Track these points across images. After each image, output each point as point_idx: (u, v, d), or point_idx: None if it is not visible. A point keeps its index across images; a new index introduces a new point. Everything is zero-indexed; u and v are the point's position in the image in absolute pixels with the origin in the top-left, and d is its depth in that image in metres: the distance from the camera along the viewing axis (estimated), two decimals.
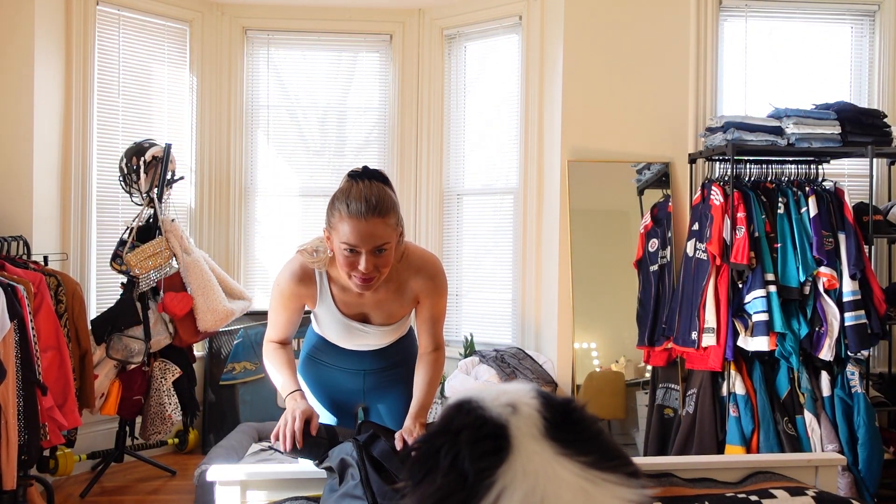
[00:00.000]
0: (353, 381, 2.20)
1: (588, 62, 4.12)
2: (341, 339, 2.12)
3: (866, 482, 3.37)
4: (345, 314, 2.05)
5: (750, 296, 3.46)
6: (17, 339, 2.97)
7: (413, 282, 2.03)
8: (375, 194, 1.82)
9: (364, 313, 2.07)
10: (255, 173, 4.83)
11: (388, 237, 1.83)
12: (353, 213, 1.79)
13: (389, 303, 2.05)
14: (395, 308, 2.07)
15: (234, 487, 1.94)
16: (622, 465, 0.97)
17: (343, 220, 1.81)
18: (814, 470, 2.13)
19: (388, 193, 1.86)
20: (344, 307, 2.04)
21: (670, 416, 3.81)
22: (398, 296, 2.04)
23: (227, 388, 4.49)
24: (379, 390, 2.22)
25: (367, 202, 1.79)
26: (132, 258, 3.76)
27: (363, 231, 1.79)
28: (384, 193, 1.84)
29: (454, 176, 4.76)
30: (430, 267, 2.05)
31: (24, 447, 2.97)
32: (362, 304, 2.04)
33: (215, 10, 4.69)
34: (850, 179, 4.20)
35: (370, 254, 1.82)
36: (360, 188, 1.82)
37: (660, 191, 4.09)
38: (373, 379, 2.21)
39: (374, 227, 1.80)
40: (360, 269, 1.82)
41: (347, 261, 1.83)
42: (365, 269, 1.82)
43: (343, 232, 1.81)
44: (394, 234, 1.86)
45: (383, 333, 2.11)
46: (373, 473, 1.69)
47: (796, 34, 4.34)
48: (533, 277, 4.39)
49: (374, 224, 1.80)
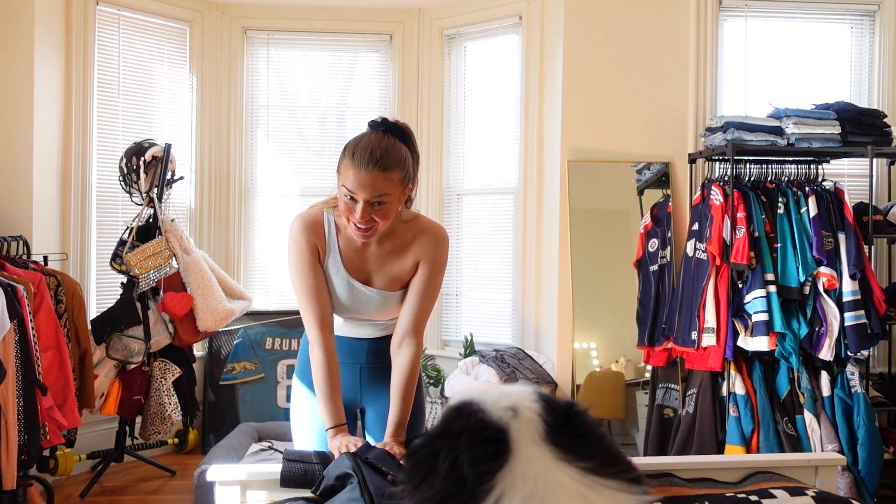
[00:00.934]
0: (350, 374, 2.19)
1: (588, 62, 4.12)
2: (342, 310, 2.11)
3: (866, 482, 3.37)
4: (349, 271, 2.06)
5: (750, 296, 3.46)
6: (17, 338, 2.97)
7: (416, 243, 2.05)
8: (383, 147, 1.86)
9: (367, 272, 2.07)
10: (254, 173, 4.83)
11: (386, 190, 1.87)
12: (357, 161, 1.85)
13: (391, 261, 2.06)
14: (395, 269, 2.07)
15: (234, 487, 1.94)
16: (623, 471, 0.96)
17: (347, 167, 1.88)
18: (814, 470, 2.13)
19: (399, 148, 1.90)
20: (348, 262, 2.05)
21: (670, 416, 3.81)
22: (400, 256, 2.06)
23: (226, 387, 4.49)
24: (374, 390, 2.20)
25: (371, 154, 1.85)
26: (132, 258, 3.77)
27: (362, 180, 1.85)
28: (393, 148, 1.88)
29: (454, 176, 4.76)
30: (436, 231, 2.09)
31: (23, 447, 2.97)
32: (365, 260, 2.06)
33: (215, 9, 4.69)
34: (850, 179, 4.20)
35: (367, 204, 1.87)
36: (371, 139, 1.88)
37: (660, 191, 4.09)
38: (368, 373, 2.19)
39: (374, 178, 1.85)
40: (356, 216, 1.88)
41: (346, 206, 1.90)
42: (360, 218, 1.88)
43: (346, 177, 1.88)
44: (395, 189, 1.90)
45: (383, 300, 2.09)
46: (369, 475, 1.69)
47: (796, 34, 4.34)
48: (533, 277, 4.39)
49: (374, 176, 1.85)
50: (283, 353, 4.55)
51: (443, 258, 2.09)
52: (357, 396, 2.21)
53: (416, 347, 2.05)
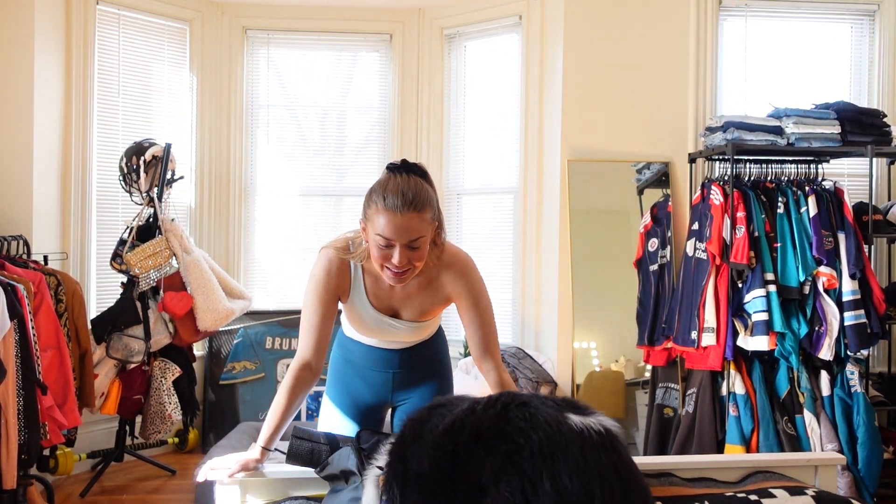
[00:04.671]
0: (383, 381, 2.20)
1: (588, 62, 4.12)
2: (371, 333, 2.12)
3: (866, 482, 3.37)
4: (376, 308, 2.05)
5: (749, 295, 3.46)
6: (17, 338, 2.97)
7: (443, 279, 2.02)
8: (413, 188, 1.83)
9: (394, 308, 2.07)
10: (254, 173, 4.84)
11: (422, 231, 1.85)
12: (390, 206, 1.81)
13: (419, 298, 2.05)
14: (425, 304, 2.06)
15: (233, 487, 1.94)
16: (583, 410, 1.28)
17: (379, 213, 1.82)
18: (813, 469, 2.13)
19: (426, 188, 1.87)
20: (375, 300, 2.04)
21: (670, 416, 3.81)
22: (428, 291, 2.04)
23: (226, 387, 4.49)
24: (405, 389, 2.23)
25: (403, 196, 1.81)
26: (132, 258, 3.77)
27: (399, 225, 1.81)
28: (421, 188, 1.85)
29: (454, 175, 4.76)
30: (459, 264, 2.04)
31: (24, 446, 2.97)
32: (393, 298, 2.05)
33: (215, 9, 4.69)
34: (850, 179, 4.20)
35: (404, 248, 1.83)
36: (398, 182, 1.84)
37: (659, 190, 4.10)
38: (400, 377, 2.21)
39: (410, 221, 1.81)
40: (394, 262, 1.84)
41: (382, 253, 1.85)
42: (398, 263, 1.84)
43: (379, 224, 1.83)
44: (429, 229, 1.87)
45: (413, 330, 2.10)
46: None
47: (796, 34, 4.34)
48: (533, 277, 4.40)
49: (410, 218, 1.81)
50: (284, 353, 4.55)
51: (477, 283, 2.06)
52: (388, 398, 2.24)
53: (497, 368, 2.06)
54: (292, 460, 1.91)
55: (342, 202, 4.93)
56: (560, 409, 1.22)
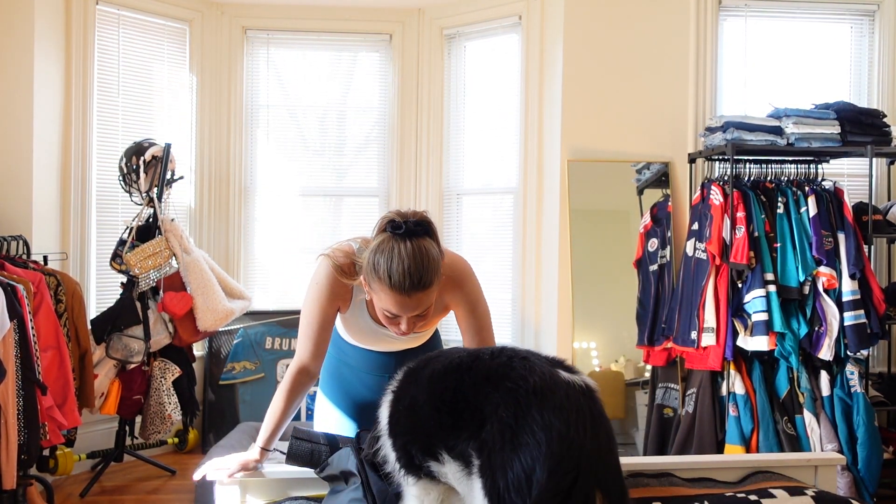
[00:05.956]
0: (379, 382, 2.19)
1: (588, 62, 4.12)
2: (368, 342, 2.11)
3: (865, 482, 3.37)
4: (375, 320, 2.02)
5: (749, 295, 3.46)
6: (17, 338, 2.97)
7: (442, 289, 1.96)
8: (419, 264, 1.71)
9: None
10: (254, 173, 4.84)
11: (430, 302, 1.79)
12: (396, 287, 1.71)
13: None
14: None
15: (233, 487, 1.94)
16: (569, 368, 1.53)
17: (384, 290, 1.73)
18: (813, 469, 2.13)
19: (431, 255, 1.74)
20: (374, 314, 2.01)
21: (670, 416, 3.81)
22: None
23: (226, 387, 4.49)
24: None
25: (410, 278, 1.69)
26: (132, 258, 3.77)
27: (405, 304, 1.74)
28: (428, 260, 1.73)
29: (454, 175, 4.77)
30: (456, 274, 1.97)
31: (23, 447, 2.97)
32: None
33: (215, 9, 4.69)
34: (850, 179, 4.20)
35: (412, 318, 1.80)
36: (404, 256, 1.70)
37: (659, 190, 4.10)
38: None
39: (418, 300, 1.74)
40: (402, 329, 1.81)
41: (387, 320, 1.82)
42: (405, 330, 1.82)
43: (384, 299, 1.76)
44: (435, 293, 1.81)
45: (411, 338, 2.09)
46: (373, 476, 1.70)
47: (796, 34, 4.34)
48: (533, 277, 4.40)
49: (418, 298, 1.74)
50: (283, 353, 4.55)
51: (475, 291, 2.01)
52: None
53: None
54: (292, 461, 1.91)
55: (342, 202, 4.94)
56: (553, 365, 1.50)
